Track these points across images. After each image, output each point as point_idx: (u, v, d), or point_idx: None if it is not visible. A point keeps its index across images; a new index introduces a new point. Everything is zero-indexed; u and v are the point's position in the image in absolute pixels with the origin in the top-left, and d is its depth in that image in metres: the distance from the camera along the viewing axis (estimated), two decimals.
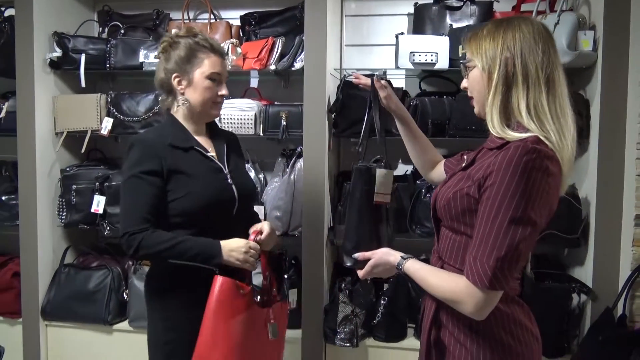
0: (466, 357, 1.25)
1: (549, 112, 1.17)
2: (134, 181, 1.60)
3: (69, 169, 2.70)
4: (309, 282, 2.44)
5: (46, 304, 2.66)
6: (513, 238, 1.11)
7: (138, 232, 1.57)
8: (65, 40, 2.64)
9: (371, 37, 2.80)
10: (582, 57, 2.23)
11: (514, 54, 1.18)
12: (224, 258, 1.61)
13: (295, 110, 2.53)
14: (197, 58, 1.68)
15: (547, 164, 1.11)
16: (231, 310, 1.59)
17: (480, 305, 1.16)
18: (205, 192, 1.65)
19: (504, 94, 1.19)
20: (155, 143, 1.64)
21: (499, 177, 1.12)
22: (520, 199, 1.10)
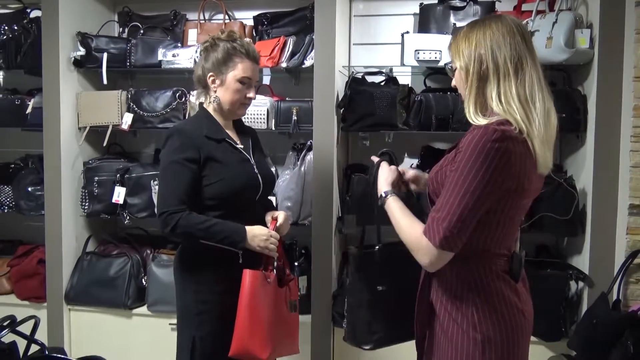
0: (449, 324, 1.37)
1: (517, 97, 1.29)
2: (175, 166, 1.77)
3: (91, 162, 2.84)
4: (318, 269, 2.56)
5: (69, 290, 2.81)
6: (464, 207, 1.25)
7: (176, 212, 1.74)
8: (89, 40, 2.79)
9: (378, 36, 2.92)
10: (579, 54, 2.33)
11: (486, 50, 1.31)
12: (248, 242, 1.78)
13: (306, 105, 2.66)
14: (232, 61, 1.85)
15: (507, 144, 1.24)
16: (262, 298, 1.77)
17: (432, 260, 1.31)
18: (236, 179, 1.83)
19: (478, 88, 1.32)
20: (194, 133, 1.82)
21: (464, 155, 1.26)
22: (475, 174, 1.24)
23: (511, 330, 1.35)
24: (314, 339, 2.59)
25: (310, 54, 2.63)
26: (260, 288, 1.77)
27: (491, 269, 1.36)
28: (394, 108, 2.60)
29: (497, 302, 1.35)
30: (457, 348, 1.36)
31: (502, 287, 1.36)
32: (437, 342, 1.42)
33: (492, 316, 1.34)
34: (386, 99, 2.57)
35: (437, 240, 1.27)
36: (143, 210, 2.78)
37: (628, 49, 2.24)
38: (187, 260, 1.88)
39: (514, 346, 1.35)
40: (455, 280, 1.37)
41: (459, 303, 1.36)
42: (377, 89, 2.60)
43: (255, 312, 1.75)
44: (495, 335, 1.33)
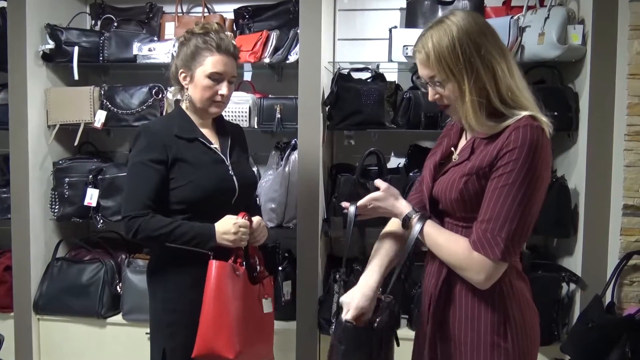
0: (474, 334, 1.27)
1: (517, 88, 1.21)
2: (139, 167, 1.66)
3: (61, 162, 2.68)
4: (303, 274, 2.46)
5: (38, 298, 2.64)
6: (525, 211, 1.16)
7: (139, 216, 1.62)
8: (58, 33, 2.63)
9: (364, 31, 2.83)
10: (571, 50, 2.28)
11: (472, 50, 1.18)
12: (218, 240, 1.65)
13: (290, 103, 2.55)
14: (200, 56, 1.71)
15: (546, 138, 1.19)
16: (228, 292, 1.64)
17: (490, 276, 1.20)
18: (206, 182, 1.70)
19: (480, 94, 1.20)
20: (162, 132, 1.70)
21: (514, 155, 1.16)
22: (533, 175, 1.15)
23: (533, 333, 1.29)
24: (299, 346, 2.48)
25: (294, 49, 2.52)
26: (227, 281, 1.64)
27: (516, 268, 1.29)
28: (381, 106, 2.52)
29: (523, 308, 1.28)
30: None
31: (522, 286, 1.30)
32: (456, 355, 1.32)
33: (521, 322, 1.26)
34: (373, 96, 2.48)
35: (498, 253, 1.17)
36: (118, 214, 2.62)
37: (622, 46, 2.19)
38: (157, 266, 1.77)
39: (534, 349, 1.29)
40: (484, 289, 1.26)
41: (487, 314, 1.26)
42: (364, 85, 2.50)
43: (222, 307, 1.63)
44: (522, 342, 1.26)
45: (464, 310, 1.29)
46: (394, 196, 1.37)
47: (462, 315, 1.29)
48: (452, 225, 1.32)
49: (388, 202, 1.36)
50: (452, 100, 1.25)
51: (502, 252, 1.17)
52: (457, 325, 1.30)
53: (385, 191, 1.37)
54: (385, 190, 1.37)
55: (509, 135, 1.18)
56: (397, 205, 1.35)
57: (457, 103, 1.23)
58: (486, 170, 1.21)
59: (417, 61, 1.26)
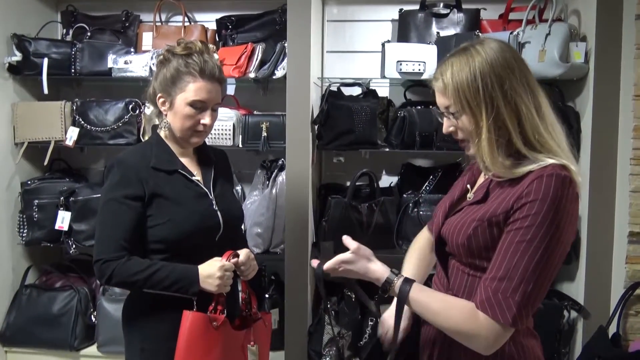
0: None
1: (546, 135, 1.08)
2: (113, 205, 1.48)
3: (30, 182, 2.49)
4: (291, 303, 2.31)
5: (5, 329, 2.45)
6: (543, 274, 1.03)
7: (113, 260, 1.45)
8: (26, 43, 2.44)
9: (354, 44, 2.69)
10: (574, 69, 2.17)
11: (495, 87, 1.06)
12: (202, 285, 1.49)
13: (277, 120, 2.40)
14: (182, 81, 1.53)
15: (575, 191, 1.06)
16: (203, 345, 1.48)
17: (497, 342, 1.07)
18: (188, 220, 1.54)
19: (499, 131, 1.08)
20: (137, 165, 1.53)
21: (534, 208, 1.03)
22: (555, 233, 1.02)
23: None
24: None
25: (282, 64, 2.37)
26: (202, 334, 1.47)
27: (528, 327, 1.17)
28: (374, 124, 2.39)
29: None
30: None
31: (534, 344, 1.18)
32: None
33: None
34: (366, 114, 2.35)
35: (509, 317, 1.03)
36: (91, 238, 2.44)
37: (626, 65, 2.08)
38: (133, 311, 1.59)
39: None
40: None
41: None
42: (356, 103, 2.37)
43: None
44: None
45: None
46: (366, 258, 1.20)
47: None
48: (458, 269, 1.20)
49: (360, 265, 1.18)
50: (467, 135, 1.14)
51: (513, 317, 1.03)
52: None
53: (355, 252, 1.19)
54: (355, 252, 1.19)
55: (530, 183, 1.05)
56: (372, 269, 1.18)
57: (473, 139, 1.12)
58: (500, 218, 1.09)
59: (435, 89, 1.16)
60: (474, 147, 1.13)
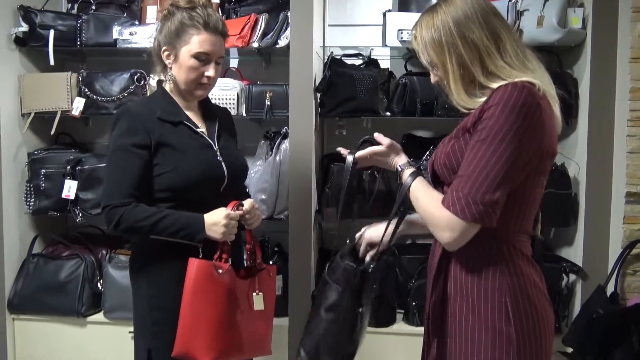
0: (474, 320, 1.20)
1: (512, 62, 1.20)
2: (121, 153, 1.53)
3: (37, 152, 2.53)
4: (295, 267, 2.35)
5: (13, 296, 2.48)
6: (499, 171, 1.11)
7: (120, 206, 1.50)
8: (32, 15, 2.47)
9: (355, 17, 2.73)
10: (571, 34, 2.22)
11: (458, 34, 1.20)
12: (207, 232, 1.53)
13: (280, 89, 2.44)
14: (186, 34, 1.58)
15: (537, 99, 1.13)
16: (209, 291, 1.52)
17: (458, 236, 1.15)
18: (193, 168, 1.58)
19: (463, 76, 1.21)
20: (144, 115, 1.57)
21: (493, 113, 1.12)
22: (514, 134, 1.10)
23: (545, 323, 1.20)
24: (291, 344, 2.37)
25: (284, 33, 2.41)
26: (207, 281, 1.51)
27: (522, 251, 1.21)
28: (375, 93, 2.43)
29: (529, 288, 1.19)
30: (486, 347, 1.18)
31: (531, 271, 1.22)
32: (454, 346, 1.25)
33: (527, 306, 1.18)
34: (367, 82, 2.39)
35: (468, 213, 1.12)
36: (98, 207, 2.42)
37: (623, 29, 2.13)
38: (141, 260, 1.63)
39: (545, 342, 1.20)
40: (482, 264, 1.20)
41: (487, 292, 1.19)
42: (358, 71, 2.41)
43: (200, 309, 1.51)
44: (529, 329, 1.17)
45: (463, 288, 1.23)
46: (396, 151, 1.40)
47: (461, 292, 1.24)
48: None
49: (389, 158, 1.40)
50: (443, 83, 1.27)
51: (472, 213, 1.12)
52: (457, 304, 1.24)
53: (388, 147, 1.39)
54: (388, 147, 1.39)
55: (495, 92, 1.16)
56: (396, 160, 1.39)
57: (445, 83, 1.25)
58: (470, 130, 1.18)
59: (413, 48, 1.30)
60: (447, 90, 1.25)
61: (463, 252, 1.22)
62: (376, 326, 2.37)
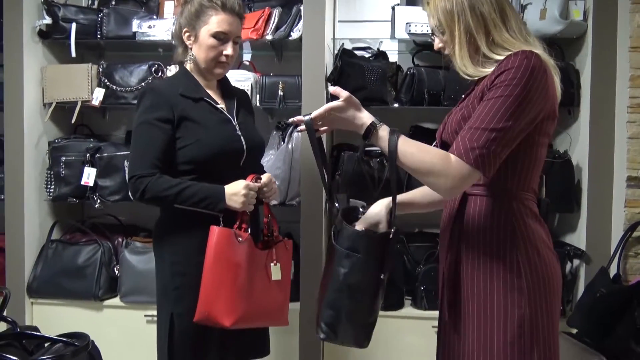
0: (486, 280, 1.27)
1: (515, 36, 1.29)
2: (146, 127, 1.62)
3: (57, 141, 2.62)
4: (307, 252, 2.42)
5: (32, 281, 2.56)
6: (508, 125, 1.17)
7: (145, 176, 1.59)
8: (55, 9, 2.58)
9: (364, 14, 2.83)
10: (573, 26, 2.31)
11: (468, 3, 1.28)
12: (227, 202, 1.62)
13: (292, 80, 2.54)
14: (205, 15, 1.69)
15: (544, 65, 1.22)
16: (230, 258, 1.61)
17: (457, 180, 1.18)
18: (214, 141, 1.67)
19: (469, 42, 1.29)
20: (167, 91, 1.67)
21: (510, 74, 1.19)
22: (525, 94, 1.18)
23: (553, 276, 1.27)
24: (302, 329, 2.43)
25: (297, 26, 2.51)
26: (227, 247, 1.60)
27: (530, 208, 1.29)
28: (384, 83, 2.52)
29: (538, 243, 1.26)
30: (498, 300, 1.25)
31: (538, 228, 1.29)
32: (468, 303, 1.31)
33: (536, 260, 1.25)
34: (377, 73, 2.48)
35: (472, 158, 1.17)
36: (115, 193, 2.57)
37: (622, 19, 2.22)
38: (164, 229, 1.72)
39: (553, 293, 1.26)
40: (493, 221, 1.27)
41: (498, 248, 1.26)
42: (368, 62, 2.50)
43: (220, 274, 1.59)
44: (538, 281, 1.24)
45: (475, 246, 1.29)
46: (355, 106, 1.29)
47: (473, 251, 1.30)
48: None
49: (348, 113, 1.29)
50: (449, 48, 1.34)
51: (475, 157, 1.17)
52: (469, 264, 1.30)
53: (346, 100, 1.28)
54: (346, 100, 1.28)
55: (506, 59, 1.23)
56: (359, 116, 1.28)
57: (451, 49, 1.32)
58: (480, 95, 1.25)
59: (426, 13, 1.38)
60: (452, 56, 1.33)
61: (475, 211, 1.29)
62: (385, 309, 2.43)
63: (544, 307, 1.26)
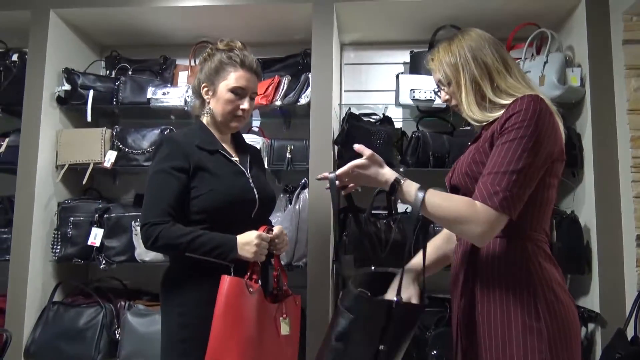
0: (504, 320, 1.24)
1: (518, 83, 1.35)
2: (161, 175, 1.65)
3: (67, 201, 2.65)
4: (314, 315, 2.36)
5: (30, 344, 2.48)
6: (525, 167, 1.20)
7: (158, 224, 1.59)
8: (75, 77, 2.71)
9: (369, 82, 2.96)
10: (571, 91, 2.39)
11: (472, 55, 1.37)
12: (239, 252, 1.61)
13: (300, 144, 2.60)
14: (224, 71, 1.77)
15: (549, 109, 1.27)
16: (240, 309, 1.57)
17: (491, 228, 1.19)
18: (227, 191, 1.69)
19: (475, 90, 1.36)
20: (184, 142, 1.71)
21: (520, 116, 1.23)
22: (534, 134, 1.21)
23: (572, 318, 1.25)
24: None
25: (305, 93, 2.61)
26: (238, 297, 1.57)
27: (544, 249, 1.28)
28: (390, 147, 2.57)
29: (555, 286, 1.25)
30: (517, 345, 1.21)
31: (551, 268, 1.28)
32: (485, 348, 1.27)
33: (554, 301, 1.23)
34: (383, 136, 2.55)
35: (497, 201, 1.18)
36: (121, 254, 2.56)
37: (619, 84, 2.31)
38: (173, 279, 1.70)
39: (573, 336, 1.22)
40: (508, 263, 1.26)
41: (515, 290, 1.24)
42: (374, 126, 2.58)
43: (231, 325, 1.54)
44: (558, 324, 1.22)
45: (490, 289, 1.28)
46: (379, 163, 1.37)
47: (488, 294, 1.28)
48: None
49: (372, 170, 1.36)
50: (456, 99, 1.41)
51: (500, 200, 1.19)
52: (485, 307, 1.28)
53: (369, 158, 1.37)
54: (369, 158, 1.37)
55: (513, 103, 1.28)
56: (383, 172, 1.35)
57: (458, 99, 1.39)
58: (493, 139, 1.29)
59: (430, 68, 1.47)
60: (460, 105, 1.40)
61: (489, 252, 1.29)
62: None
63: (565, 356, 1.22)
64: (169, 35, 2.93)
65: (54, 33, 2.67)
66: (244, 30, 2.85)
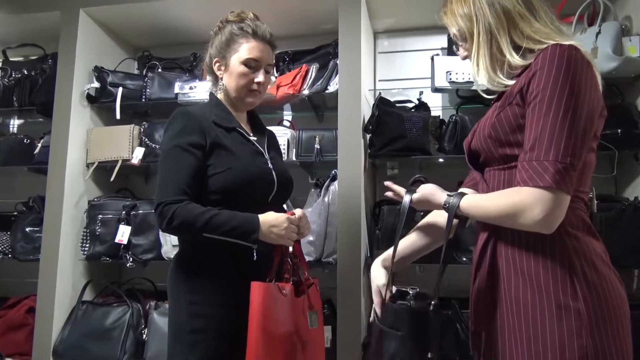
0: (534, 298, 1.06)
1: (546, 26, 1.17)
2: (176, 151, 1.51)
3: (96, 199, 2.62)
4: (345, 315, 2.19)
5: (59, 344, 2.44)
6: (570, 132, 1.01)
7: (174, 203, 1.45)
8: (104, 75, 2.70)
9: (405, 70, 2.79)
10: (629, 63, 2.13)
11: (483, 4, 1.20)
12: (263, 233, 1.47)
13: (329, 134, 2.47)
14: (236, 43, 1.65)
15: (582, 55, 1.07)
16: (276, 314, 1.44)
17: (550, 209, 1.01)
18: (246, 170, 1.56)
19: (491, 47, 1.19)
20: (200, 116, 1.59)
21: (543, 75, 1.05)
22: (572, 87, 1.02)
23: (621, 303, 1.04)
24: None
25: (334, 80, 2.48)
26: (273, 304, 1.43)
27: (582, 219, 1.09)
28: (425, 133, 2.39)
29: (595, 259, 1.05)
30: (551, 328, 1.02)
31: (592, 241, 1.08)
32: (511, 332, 1.08)
33: (594, 276, 1.03)
34: (417, 123, 2.37)
35: (549, 178, 1.00)
36: (148, 252, 2.50)
37: None
38: (184, 265, 1.56)
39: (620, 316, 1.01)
40: (538, 234, 1.06)
41: (546, 265, 1.05)
42: (407, 112, 2.40)
43: (270, 334, 1.41)
44: (600, 302, 1.02)
45: (517, 264, 1.09)
46: (442, 189, 1.29)
47: (515, 270, 1.09)
48: (493, 172, 1.19)
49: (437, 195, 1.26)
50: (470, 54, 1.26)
51: (553, 176, 1.00)
52: (512, 284, 1.10)
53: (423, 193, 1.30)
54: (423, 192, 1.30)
55: (537, 57, 1.10)
56: (437, 198, 1.26)
57: (474, 57, 1.23)
58: (517, 98, 1.11)
59: (443, 22, 1.32)
60: (474, 63, 1.23)
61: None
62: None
63: (610, 340, 1.00)
64: (197, 32, 2.88)
65: (83, 32, 2.67)
66: (273, 22, 2.69)
